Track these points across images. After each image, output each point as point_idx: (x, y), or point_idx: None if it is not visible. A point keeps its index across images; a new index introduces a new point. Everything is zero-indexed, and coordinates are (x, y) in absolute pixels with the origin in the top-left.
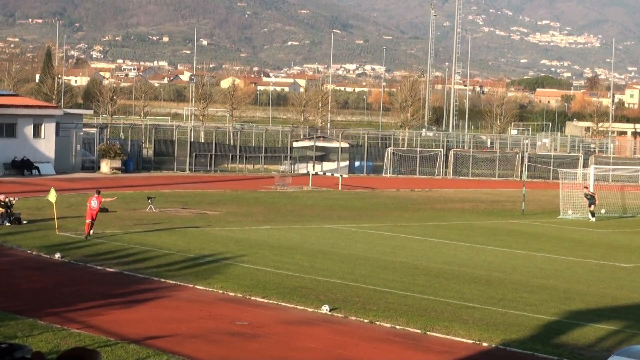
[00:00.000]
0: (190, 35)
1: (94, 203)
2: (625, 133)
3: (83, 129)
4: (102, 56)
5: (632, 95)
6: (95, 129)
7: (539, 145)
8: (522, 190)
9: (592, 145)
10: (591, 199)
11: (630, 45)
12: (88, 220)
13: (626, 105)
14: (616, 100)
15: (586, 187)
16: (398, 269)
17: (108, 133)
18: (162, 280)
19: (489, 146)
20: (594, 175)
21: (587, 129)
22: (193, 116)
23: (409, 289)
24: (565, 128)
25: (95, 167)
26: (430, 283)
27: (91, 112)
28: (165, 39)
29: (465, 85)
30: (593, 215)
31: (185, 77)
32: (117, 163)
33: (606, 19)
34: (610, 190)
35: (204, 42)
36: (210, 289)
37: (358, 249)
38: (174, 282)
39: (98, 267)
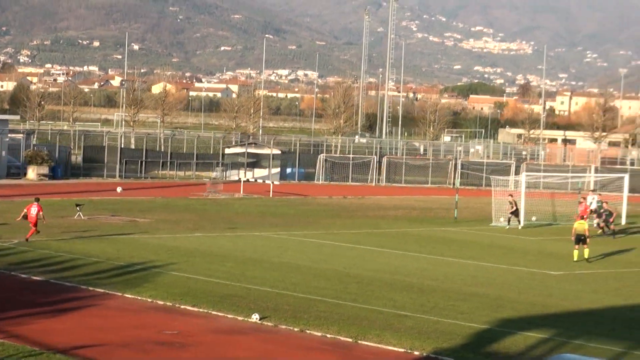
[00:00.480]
0: (121, 39)
1: (33, 210)
2: (555, 140)
3: (9, 135)
4: (30, 61)
5: (562, 102)
6: (21, 135)
7: (472, 152)
8: (455, 198)
9: (524, 153)
10: (515, 209)
11: (562, 52)
12: (32, 227)
13: (557, 112)
14: (547, 107)
15: (511, 195)
16: (330, 276)
17: (35, 139)
18: (90, 288)
19: (422, 153)
20: (526, 182)
21: (519, 136)
22: (123, 122)
23: (340, 297)
24: (498, 135)
25: (21, 173)
26: (362, 291)
27: (17, 117)
28: (96, 43)
29: (399, 92)
30: (515, 221)
31: (116, 82)
32: (45, 169)
33: (538, 26)
34: (541, 197)
35: (136, 47)
36: (140, 298)
37: (289, 256)
38: (103, 291)
39: (23, 276)
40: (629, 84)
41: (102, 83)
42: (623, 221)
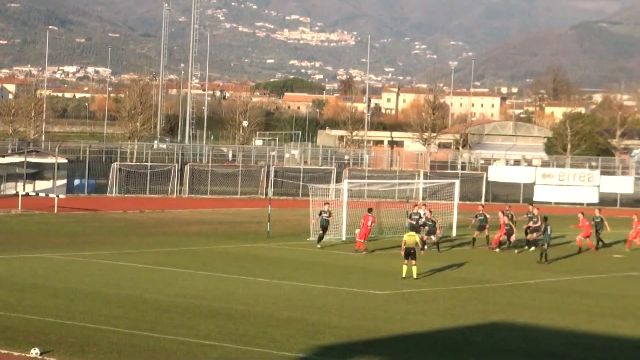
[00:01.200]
0: None
1: None
2: (382, 142)
3: None
4: None
5: (389, 100)
6: None
7: (287, 158)
8: (268, 210)
9: (346, 157)
10: (327, 219)
11: (387, 43)
12: None
13: (383, 110)
14: (372, 105)
15: (327, 203)
16: (123, 303)
17: None
18: None
19: (230, 159)
20: (348, 191)
21: (341, 138)
22: None
23: (135, 327)
24: (317, 137)
25: None
26: (160, 319)
27: None
28: None
29: (204, 90)
30: (320, 239)
31: None
32: None
33: (362, 14)
34: (365, 207)
35: None
36: None
37: (76, 281)
38: None
39: None
40: (460, 79)
41: None
42: (454, 232)
